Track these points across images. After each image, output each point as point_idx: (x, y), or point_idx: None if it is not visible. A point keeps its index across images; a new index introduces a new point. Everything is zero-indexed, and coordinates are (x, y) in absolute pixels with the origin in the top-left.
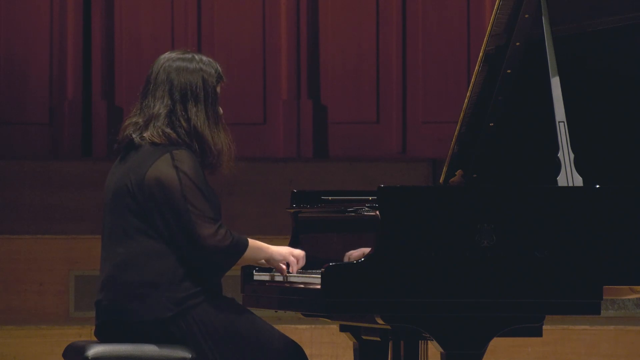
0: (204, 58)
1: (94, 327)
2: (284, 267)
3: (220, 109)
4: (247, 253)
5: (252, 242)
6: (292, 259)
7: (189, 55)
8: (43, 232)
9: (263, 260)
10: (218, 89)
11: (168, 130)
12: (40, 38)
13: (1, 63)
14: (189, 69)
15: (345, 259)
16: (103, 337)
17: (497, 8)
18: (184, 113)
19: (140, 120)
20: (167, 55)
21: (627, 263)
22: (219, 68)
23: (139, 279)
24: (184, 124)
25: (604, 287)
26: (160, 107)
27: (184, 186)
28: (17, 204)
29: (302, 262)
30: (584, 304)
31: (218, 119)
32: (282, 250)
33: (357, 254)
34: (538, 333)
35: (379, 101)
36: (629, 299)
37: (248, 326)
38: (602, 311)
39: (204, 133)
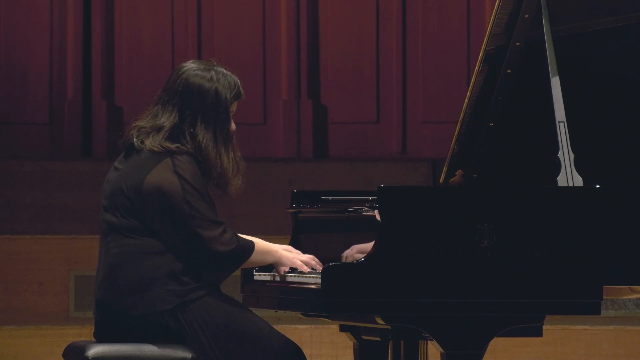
0: (224, 73)
1: (93, 327)
2: (283, 269)
3: (233, 126)
4: (254, 257)
5: (259, 246)
6: (298, 262)
7: (209, 71)
8: (43, 232)
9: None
10: (234, 107)
11: (167, 143)
12: (40, 38)
13: (1, 63)
14: (205, 85)
15: (343, 260)
16: (102, 338)
17: (497, 8)
18: (191, 129)
19: (146, 125)
20: (188, 65)
21: (627, 263)
22: (239, 84)
23: (136, 274)
24: (189, 140)
25: (604, 287)
26: (166, 120)
27: (186, 192)
28: (17, 204)
29: (316, 264)
30: (584, 304)
31: (228, 138)
32: (289, 255)
33: (351, 253)
34: (538, 333)
35: (379, 101)
36: (629, 299)
37: (248, 324)
38: (602, 311)
39: (207, 152)
